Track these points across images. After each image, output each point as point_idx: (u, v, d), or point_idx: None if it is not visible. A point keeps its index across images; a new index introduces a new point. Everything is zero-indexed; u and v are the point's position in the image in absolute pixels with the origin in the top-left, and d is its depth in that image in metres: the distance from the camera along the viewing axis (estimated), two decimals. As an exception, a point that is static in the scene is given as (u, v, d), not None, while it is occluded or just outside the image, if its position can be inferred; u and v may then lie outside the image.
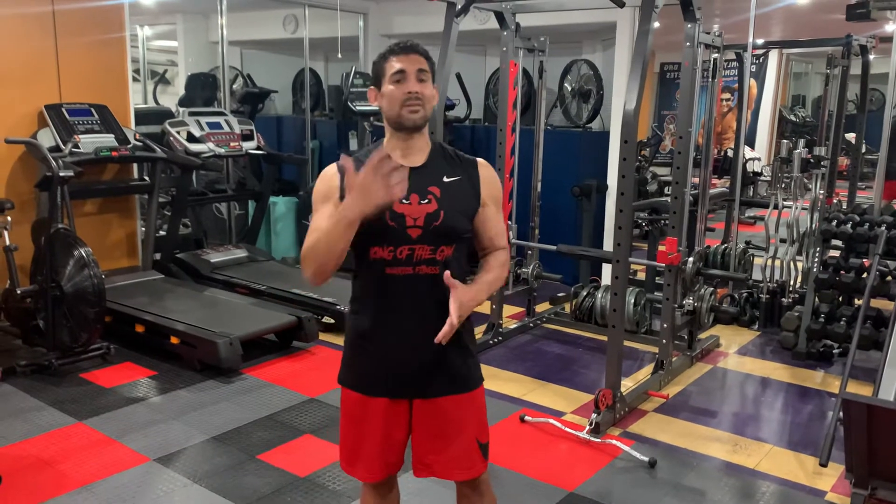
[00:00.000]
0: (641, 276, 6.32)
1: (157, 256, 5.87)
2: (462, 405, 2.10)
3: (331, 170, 2.05)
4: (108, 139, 5.17)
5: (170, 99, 9.42)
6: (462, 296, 1.92)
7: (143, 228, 5.81)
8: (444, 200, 2.00)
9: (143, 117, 6.39)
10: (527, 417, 3.89)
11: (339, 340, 5.14)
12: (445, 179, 2.02)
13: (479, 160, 2.13)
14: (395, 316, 2.02)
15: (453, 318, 1.89)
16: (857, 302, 4.91)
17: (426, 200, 1.98)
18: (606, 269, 5.83)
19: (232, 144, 6.04)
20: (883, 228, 4.48)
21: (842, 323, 4.68)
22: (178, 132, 5.84)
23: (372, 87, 2.05)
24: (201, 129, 5.93)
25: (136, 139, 5.37)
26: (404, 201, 1.96)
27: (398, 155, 2.00)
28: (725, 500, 3.24)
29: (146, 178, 5.70)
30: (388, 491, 2.23)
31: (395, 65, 1.98)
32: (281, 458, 3.47)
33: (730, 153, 8.63)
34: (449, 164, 2.06)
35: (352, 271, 2.06)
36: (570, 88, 6.95)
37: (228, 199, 6.92)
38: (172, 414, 3.94)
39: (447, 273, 1.92)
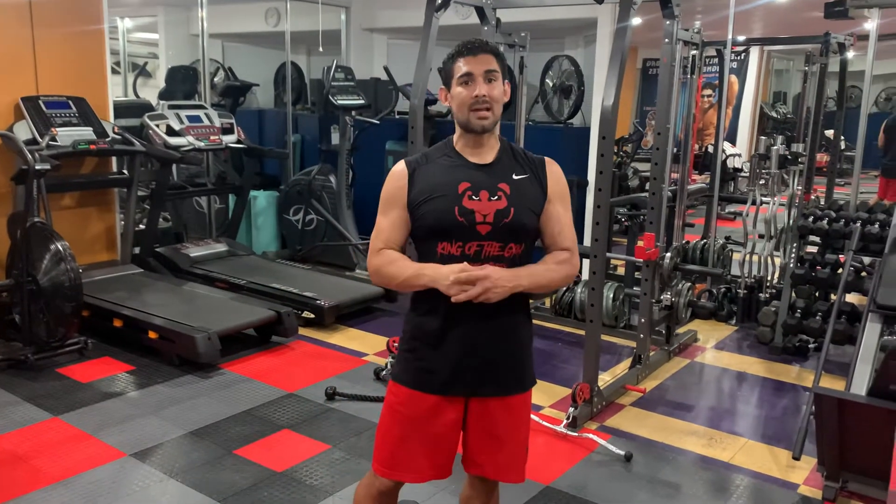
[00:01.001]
0: (621, 271, 6.35)
1: (137, 250, 5.83)
2: (517, 406, 2.12)
3: (399, 169, 2.08)
4: (87, 132, 5.12)
5: (151, 92, 9.34)
6: (497, 272, 1.93)
7: (122, 222, 5.77)
8: (513, 197, 2.01)
9: (122, 110, 6.34)
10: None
11: (320, 335, 5.17)
12: (515, 177, 2.05)
13: (547, 158, 2.14)
14: (458, 315, 1.99)
15: (479, 279, 1.90)
16: (833, 297, 4.97)
17: (496, 197, 2.00)
18: (587, 264, 5.85)
19: (212, 138, 6.00)
20: (858, 225, 4.53)
21: (817, 318, 4.74)
22: (158, 125, 5.79)
23: (442, 87, 2.07)
24: (181, 122, 5.88)
25: (114, 132, 5.32)
26: (474, 197, 1.98)
27: (468, 153, 2.05)
28: (700, 493, 3.28)
29: (125, 171, 5.65)
30: (395, 500, 2.22)
31: (462, 67, 1.99)
32: (258, 453, 3.46)
33: (710, 149, 8.68)
34: (518, 162, 2.08)
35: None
36: (551, 84, 6.96)
37: (208, 193, 6.88)
38: (149, 409, 3.92)
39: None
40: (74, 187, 5.46)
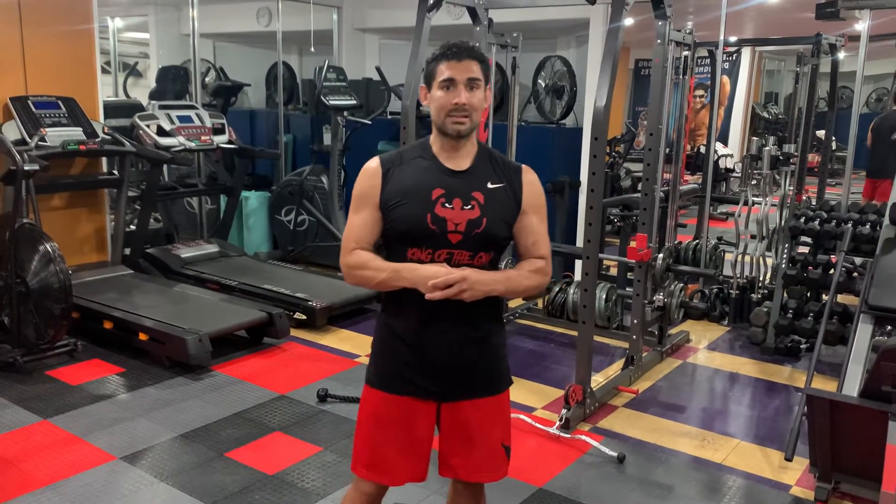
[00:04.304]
0: (614, 271, 6.35)
1: (127, 251, 5.80)
2: (490, 408, 2.10)
3: (373, 168, 2.04)
4: (76, 132, 5.09)
5: (142, 92, 9.29)
6: (473, 274, 1.93)
7: (112, 223, 5.73)
8: (486, 207, 1.99)
9: (112, 110, 6.31)
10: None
11: (312, 337, 5.14)
12: (489, 186, 2.01)
13: (524, 166, 2.10)
14: (431, 318, 1.99)
15: (457, 281, 1.89)
16: (825, 298, 4.97)
17: (469, 206, 1.97)
18: (579, 265, 5.86)
19: (203, 138, 5.97)
20: (849, 225, 4.54)
21: (809, 318, 4.74)
22: (148, 126, 5.76)
23: (423, 85, 2.03)
24: (171, 122, 5.85)
25: (104, 133, 5.29)
26: (447, 205, 1.96)
27: (444, 157, 2.01)
28: (692, 494, 3.27)
29: (115, 172, 5.62)
30: (380, 501, 2.20)
31: (444, 71, 1.95)
32: (249, 456, 3.44)
33: (702, 150, 8.70)
34: (494, 169, 2.04)
35: None
36: (543, 84, 6.96)
37: (199, 194, 6.85)
38: (140, 411, 3.90)
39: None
40: (64, 188, 5.42)
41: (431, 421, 2.08)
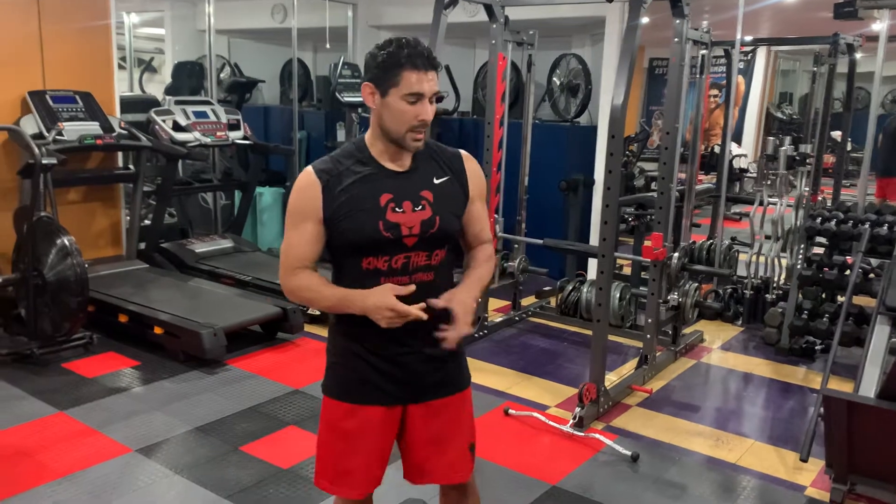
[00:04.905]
0: (627, 270, 6.33)
1: (142, 246, 5.83)
2: (456, 406, 2.07)
3: (308, 181, 1.89)
4: (93, 127, 5.12)
5: (156, 87, 9.34)
6: (464, 297, 1.92)
7: (128, 217, 5.76)
8: (437, 205, 1.93)
9: (128, 105, 6.33)
10: (511, 411, 3.89)
11: (325, 332, 5.12)
12: (436, 181, 1.95)
13: (463, 153, 2.04)
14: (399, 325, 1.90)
15: (463, 322, 1.88)
16: (840, 299, 4.95)
17: (420, 207, 1.91)
18: (592, 264, 5.85)
19: (218, 134, 5.99)
20: (867, 226, 4.51)
21: (824, 320, 4.72)
22: (164, 121, 5.79)
23: (368, 83, 1.86)
24: (187, 118, 5.88)
25: (121, 127, 5.33)
26: (398, 209, 1.88)
27: (386, 160, 1.92)
28: (707, 494, 3.26)
29: (131, 166, 5.66)
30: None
31: (412, 83, 1.81)
32: (264, 450, 3.46)
33: (717, 149, 8.66)
34: (437, 162, 1.97)
35: (337, 277, 1.98)
36: (558, 83, 6.95)
37: (214, 189, 6.88)
38: (155, 404, 3.92)
39: (433, 301, 1.89)
40: (80, 182, 5.47)
41: (396, 427, 2.03)
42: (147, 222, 6.05)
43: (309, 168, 1.93)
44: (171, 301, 4.86)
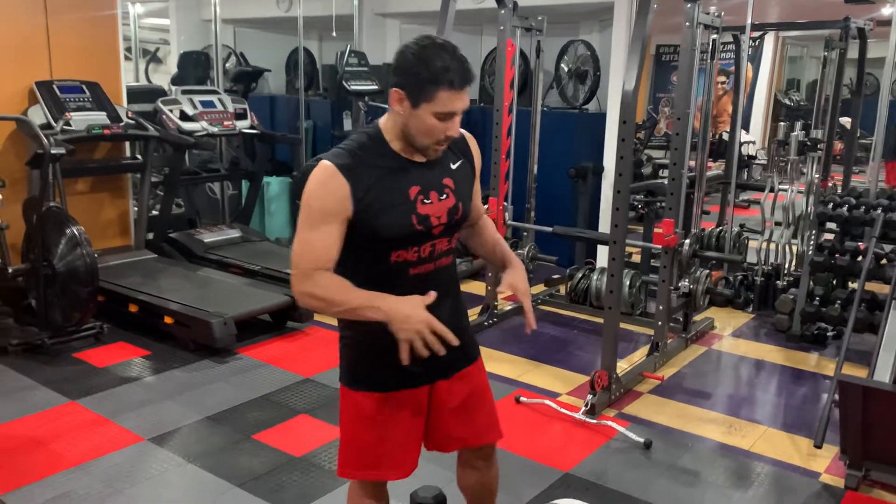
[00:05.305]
0: (636, 258, 6.31)
1: (150, 236, 5.83)
2: (476, 373, 2.12)
3: (331, 177, 1.80)
4: (100, 117, 5.11)
5: (162, 78, 9.32)
6: (521, 285, 2.06)
7: (136, 208, 5.76)
8: (457, 191, 1.95)
9: (135, 95, 6.33)
10: (522, 398, 3.89)
11: (334, 321, 5.11)
12: (452, 167, 1.96)
13: (465, 133, 2.03)
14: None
15: (529, 305, 2.04)
16: (852, 285, 4.92)
17: (445, 196, 1.92)
18: (602, 252, 5.83)
19: (225, 123, 5.98)
20: (880, 211, 4.47)
21: (836, 306, 4.69)
22: (171, 110, 5.78)
23: (399, 89, 1.78)
24: (194, 107, 5.87)
25: (128, 117, 5.31)
26: (426, 201, 1.88)
27: (406, 152, 1.88)
28: (720, 480, 3.25)
29: (138, 156, 5.65)
30: (386, 492, 2.19)
31: (446, 103, 1.76)
32: (276, 438, 3.46)
33: (724, 136, 8.61)
34: (449, 147, 1.95)
35: (348, 275, 1.86)
36: (566, 69, 6.90)
37: (221, 179, 6.87)
38: (166, 394, 3.92)
39: (500, 288, 2.10)
40: (88, 172, 5.46)
41: (425, 407, 2.05)
42: (155, 212, 6.05)
43: (327, 163, 1.82)
44: (181, 291, 4.86)
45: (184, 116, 5.79)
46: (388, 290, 1.85)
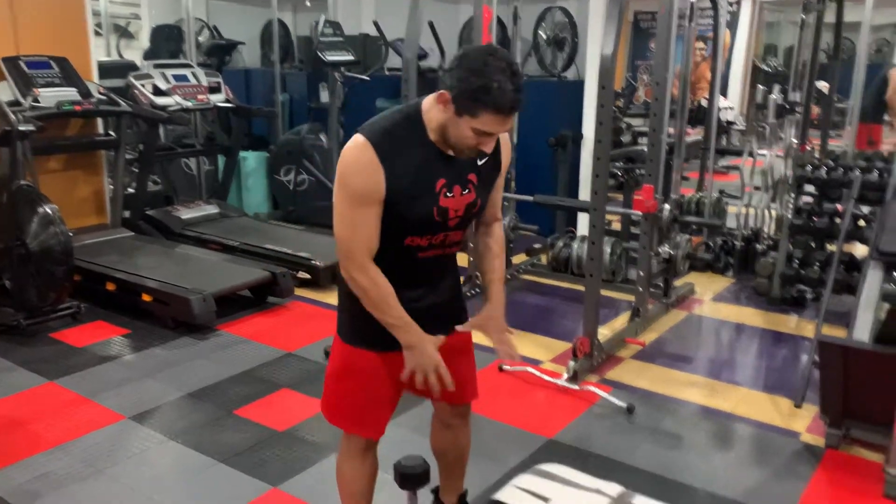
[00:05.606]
0: (617, 226, 6.31)
1: (127, 214, 5.75)
2: (462, 337, 2.17)
3: (369, 159, 1.80)
4: (71, 93, 5.00)
5: (134, 54, 9.12)
6: (497, 323, 2.14)
7: (111, 185, 5.67)
8: (479, 187, 1.97)
9: (106, 71, 6.18)
10: (505, 366, 3.89)
11: (316, 296, 5.12)
12: (479, 163, 1.95)
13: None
14: (417, 284, 2.00)
15: (508, 342, 2.15)
16: (830, 247, 4.95)
17: (467, 191, 1.94)
18: (582, 220, 5.82)
19: (199, 97, 5.87)
20: (858, 173, 4.49)
21: (815, 268, 4.73)
22: (144, 85, 5.67)
23: (447, 92, 1.76)
24: (167, 81, 5.76)
25: (99, 93, 5.20)
26: (448, 195, 1.90)
27: (440, 142, 1.86)
28: (703, 443, 3.28)
29: (112, 133, 5.54)
30: (375, 457, 2.24)
31: (488, 124, 1.75)
32: (259, 413, 3.44)
33: (703, 103, 8.60)
34: None
35: None
36: (544, 36, 6.84)
37: (197, 154, 6.77)
38: (146, 372, 3.88)
39: (459, 327, 2.12)
40: (60, 150, 5.35)
41: None
42: (131, 190, 5.96)
43: (364, 141, 1.83)
44: (159, 268, 4.80)
45: (157, 91, 5.67)
46: (394, 268, 1.92)
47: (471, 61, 1.74)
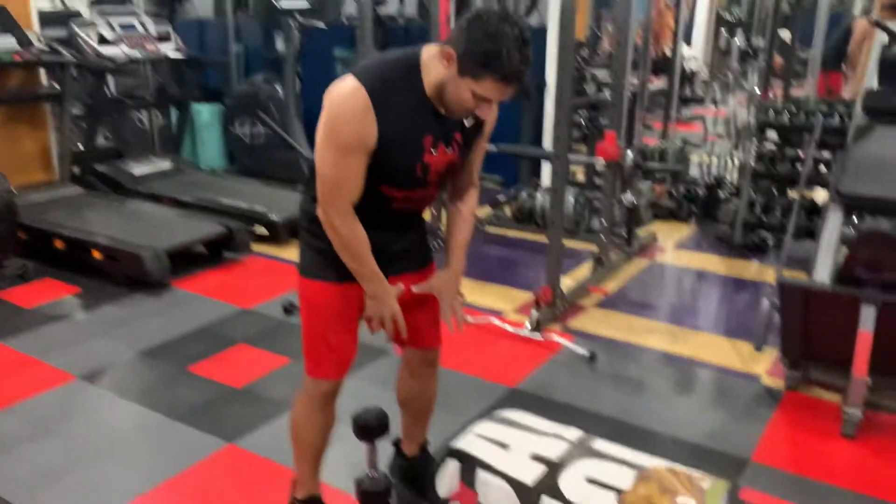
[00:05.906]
0: (580, 178, 6.26)
1: (76, 170, 5.54)
2: (428, 276, 2.14)
3: (363, 105, 1.74)
4: (8, 42, 4.75)
5: (79, 3, 8.73)
6: (451, 288, 2.10)
7: (57, 140, 5.44)
8: (463, 146, 1.95)
9: (48, 21, 5.90)
10: (468, 317, 3.83)
11: (274, 251, 5.00)
12: (466, 123, 1.91)
13: None
14: (387, 229, 1.99)
15: (459, 309, 2.13)
16: (792, 194, 4.96)
17: (451, 149, 1.92)
18: (547, 171, 5.75)
19: (148, 47, 5.65)
20: (819, 116, 4.47)
21: (777, 214, 4.73)
22: (88, 34, 5.42)
23: (452, 50, 1.72)
24: (113, 30, 5.51)
25: (39, 42, 4.95)
26: (433, 151, 1.87)
27: (434, 98, 1.82)
28: (664, 388, 3.28)
29: (55, 85, 5.30)
30: (334, 408, 2.19)
31: (489, 90, 1.73)
32: (215, 370, 3.35)
33: (667, 52, 8.53)
34: None
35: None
36: (505, -18, 6.66)
37: (147, 106, 6.52)
38: (98, 330, 3.77)
39: (415, 287, 2.07)
40: (0, 103, 5.10)
41: None
42: (80, 147, 5.73)
43: (359, 86, 1.75)
44: (110, 224, 4.64)
45: (102, 40, 5.44)
46: (366, 213, 1.88)
47: (484, 24, 1.70)
